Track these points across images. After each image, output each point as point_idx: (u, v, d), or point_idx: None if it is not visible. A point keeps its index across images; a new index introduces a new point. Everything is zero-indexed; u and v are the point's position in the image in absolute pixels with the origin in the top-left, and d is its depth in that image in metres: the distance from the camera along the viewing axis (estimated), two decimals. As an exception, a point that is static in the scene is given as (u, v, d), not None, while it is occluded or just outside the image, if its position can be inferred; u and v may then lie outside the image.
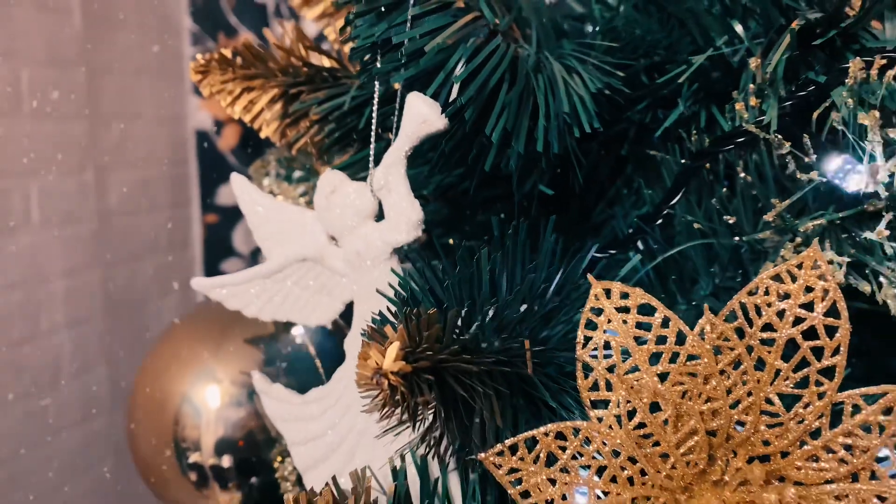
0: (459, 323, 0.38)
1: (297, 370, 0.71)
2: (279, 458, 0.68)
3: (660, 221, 0.51)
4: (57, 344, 1.69)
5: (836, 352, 0.40)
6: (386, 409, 0.35)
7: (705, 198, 0.47)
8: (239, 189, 0.57)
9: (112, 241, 1.83)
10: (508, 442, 0.40)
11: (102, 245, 1.80)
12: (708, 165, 0.50)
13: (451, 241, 0.53)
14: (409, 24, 0.46)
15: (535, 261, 0.48)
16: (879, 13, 0.46)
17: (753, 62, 0.45)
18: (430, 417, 0.39)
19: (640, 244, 0.53)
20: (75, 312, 1.73)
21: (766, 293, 0.41)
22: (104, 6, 1.81)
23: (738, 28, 0.48)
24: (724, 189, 0.49)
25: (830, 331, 0.40)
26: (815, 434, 0.41)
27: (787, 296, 0.40)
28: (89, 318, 1.78)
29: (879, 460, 0.42)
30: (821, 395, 0.40)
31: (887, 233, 0.38)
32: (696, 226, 0.47)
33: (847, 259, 0.40)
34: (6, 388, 1.55)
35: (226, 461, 0.74)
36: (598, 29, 0.54)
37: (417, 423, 0.38)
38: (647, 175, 0.55)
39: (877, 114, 0.38)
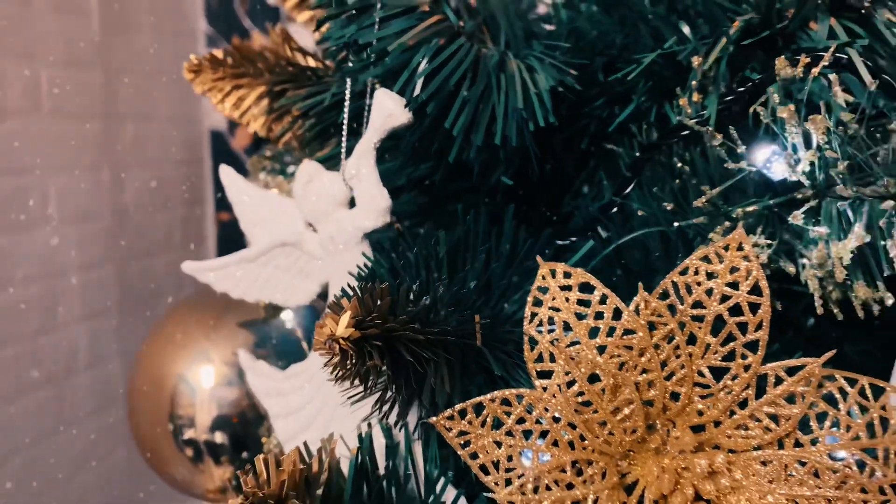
0: (412, 297, 0.42)
1: (286, 352, 0.75)
2: (266, 434, 0.72)
3: (615, 210, 0.54)
4: (73, 336, 1.73)
5: (758, 327, 0.43)
6: (338, 372, 0.39)
7: (659, 188, 0.51)
8: (227, 180, 0.61)
9: (127, 237, 1.86)
10: (458, 407, 0.44)
11: (118, 241, 1.83)
12: (663, 158, 0.54)
13: (421, 230, 0.57)
14: (377, 27, 0.49)
15: (498, 245, 0.51)
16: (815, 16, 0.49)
17: (696, 61, 0.49)
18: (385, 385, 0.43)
19: (602, 232, 0.57)
20: (91, 306, 1.77)
21: (696, 273, 0.44)
22: (121, 9, 1.84)
23: (686, 30, 0.52)
24: (677, 180, 0.52)
25: (754, 307, 0.43)
26: (743, 404, 0.45)
27: (714, 275, 0.44)
28: (104, 312, 1.81)
29: (802, 428, 0.45)
30: (746, 368, 0.44)
31: (802, 217, 0.41)
32: (639, 213, 0.50)
33: (769, 242, 0.43)
34: (24, 378, 1.60)
35: (219, 437, 0.78)
36: (558, 30, 0.58)
37: (369, 388, 0.41)
38: (608, 167, 0.58)
39: (792, 107, 0.41)
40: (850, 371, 0.44)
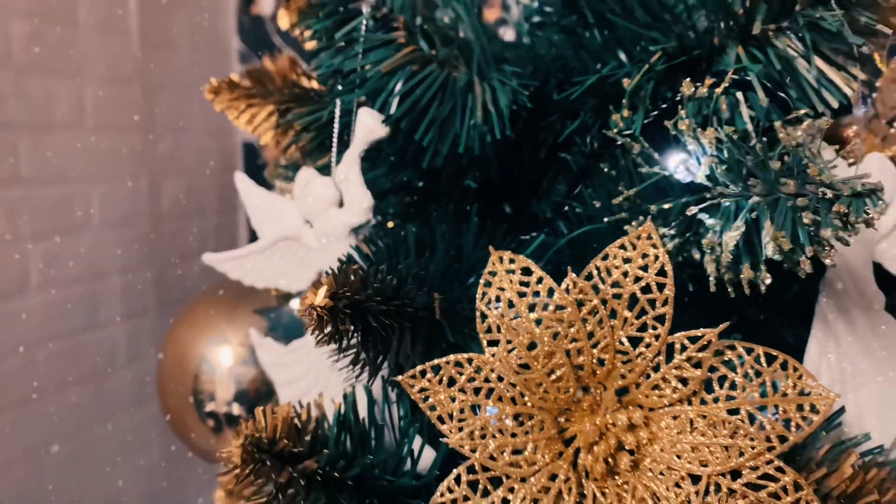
0: (380, 277, 0.51)
1: (295, 335, 0.85)
2: (276, 404, 0.82)
3: (566, 209, 0.63)
4: (113, 335, 1.79)
5: (665, 303, 0.52)
6: (317, 335, 0.49)
7: (594, 190, 0.60)
8: (241, 185, 0.72)
9: (164, 242, 1.91)
10: (419, 368, 0.53)
11: (155, 246, 1.89)
12: (606, 164, 0.63)
13: (402, 232, 0.66)
14: (360, 56, 0.59)
15: (464, 238, 0.61)
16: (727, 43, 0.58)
17: (626, 82, 0.58)
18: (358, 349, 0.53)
19: (564, 229, 0.66)
20: (130, 306, 1.83)
21: (614, 258, 0.53)
22: (160, 29, 1.90)
23: (623, 56, 0.61)
24: (613, 183, 0.61)
25: (661, 287, 0.52)
26: (657, 368, 0.53)
27: (629, 260, 0.53)
28: (142, 312, 1.86)
29: (708, 389, 0.53)
30: (657, 337, 0.52)
31: (699, 212, 0.50)
32: (577, 210, 0.59)
33: (674, 232, 0.52)
34: (68, 372, 1.65)
35: (236, 409, 0.88)
36: (522, 54, 0.67)
37: (343, 350, 0.51)
38: (564, 173, 0.67)
39: (688, 121, 0.50)
40: (783, 349, 0.52)
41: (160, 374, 0.95)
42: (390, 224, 0.69)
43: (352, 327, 0.48)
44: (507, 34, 0.73)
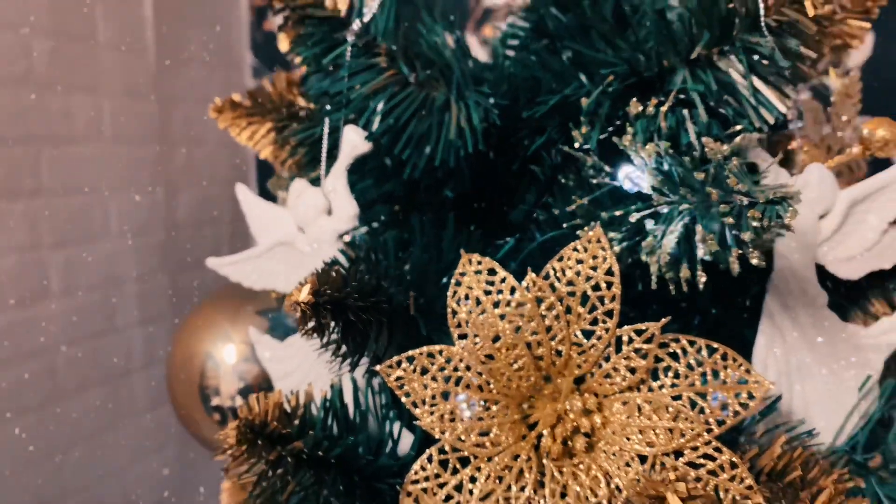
0: (359, 277, 0.58)
1: (291, 334, 0.91)
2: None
3: (535, 216, 0.70)
4: (130, 339, 1.83)
5: (612, 299, 0.58)
6: (302, 329, 0.55)
7: (553, 200, 0.66)
8: (241, 196, 0.78)
9: (179, 250, 1.96)
10: (395, 358, 0.60)
11: (170, 254, 1.93)
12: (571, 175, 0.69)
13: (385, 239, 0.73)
14: (346, 79, 0.66)
15: (441, 242, 0.67)
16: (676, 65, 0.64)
17: (583, 101, 0.64)
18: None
19: (535, 234, 0.72)
20: (146, 312, 1.87)
21: (569, 260, 0.59)
22: (175, 44, 1.94)
23: (584, 78, 0.67)
24: (583, 198, 0.67)
25: (609, 285, 0.58)
26: (608, 359, 0.59)
27: (581, 261, 0.59)
28: (158, 318, 1.90)
29: (654, 377, 0.59)
30: (607, 330, 0.58)
31: (638, 216, 0.56)
32: (540, 218, 0.66)
33: (622, 236, 0.58)
34: (86, 375, 1.69)
35: (240, 403, 0.94)
36: (497, 75, 0.73)
37: (326, 341, 0.57)
38: (534, 184, 0.73)
39: (629, 137, 0.56)
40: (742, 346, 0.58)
41: (169, 372, 1.02)
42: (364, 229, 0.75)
43: (332, 322, 0.55)
44: (484, 56, 0.79)
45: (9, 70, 1.50)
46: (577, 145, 0.63)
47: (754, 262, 0.52)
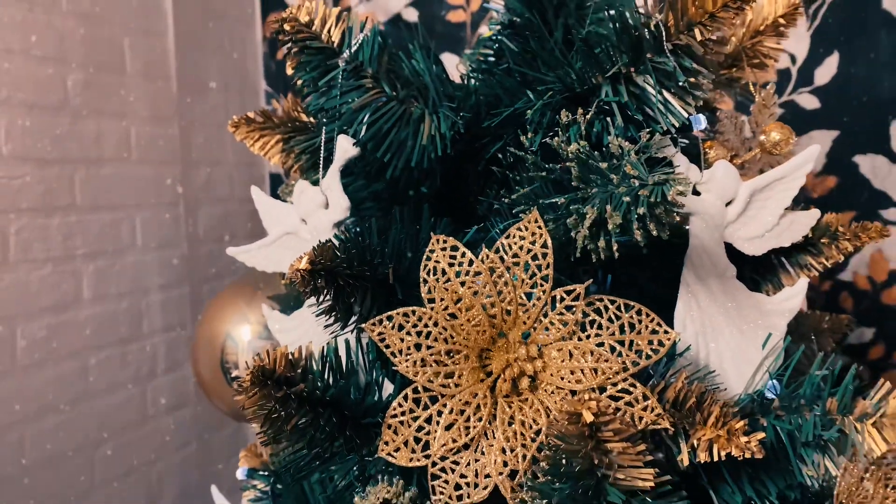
0: (348, 251, 0.73)
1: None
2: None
3: (496, 207, 0.85)
4: (154, 345, 1.93)
5: (547, 266, 0.73)
6: (303, 291, 0.70)
7: (504, 192, 0.81)
8: (256, 196, 0.94)
9: (199, 262, 2.08)
10: (377, 318, 0.75)
11: (192, 266, 2.04)
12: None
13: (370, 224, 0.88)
14: (338, 97, 0.82)
15: (419, 229, 0.83)
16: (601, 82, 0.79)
17: (529, 112, 0.79)
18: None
19: (497, 222, 0.87)
20: (169, 320, 1.97)
21: (514, 237, 0.74)
22: (196, 73, 2.09)
23: (530, 94, 0.82)
24: (524, 189, 0.82)
25: (544, 255, 0.73)
26: (546, 315, 0.74)
27: (523, 237, 0.74)
28: (180, 325, 2.00)
29: (583, 329, 0.74)
30: (544, 292, 0.73)
31: (563, 200, 0.71)
32: (496, 207, 0.81)
33: (554, 217, 0.73)
34: (115, 377, 1.81)
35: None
36: (466, 92, 0.89)
37: (322, 305, 0.72)
38: (495, 181, 0.89)
39: (558, 139, 0.71)
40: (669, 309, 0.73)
41: (194, 349, 1.17)
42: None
43: (325, 287, 0.70)
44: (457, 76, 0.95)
45: (47, 99, 1.64)
46: (525, 148, 0.78)
47: (654, 232, 0.67)
